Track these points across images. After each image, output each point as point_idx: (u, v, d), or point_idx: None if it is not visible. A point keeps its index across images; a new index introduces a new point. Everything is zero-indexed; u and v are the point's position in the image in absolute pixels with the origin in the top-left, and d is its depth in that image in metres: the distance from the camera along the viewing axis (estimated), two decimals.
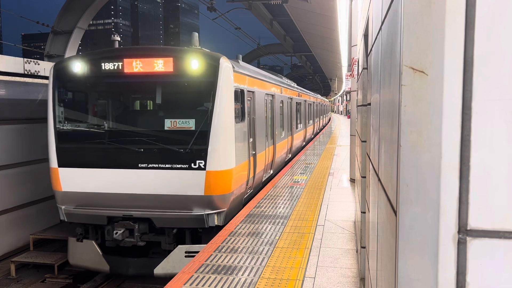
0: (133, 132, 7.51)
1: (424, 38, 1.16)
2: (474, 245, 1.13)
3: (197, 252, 6.07)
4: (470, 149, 1.12)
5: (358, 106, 5.56)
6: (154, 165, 7.20)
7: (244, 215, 7.68)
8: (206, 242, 6.58)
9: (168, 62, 7.24)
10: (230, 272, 5.12)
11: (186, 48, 7.71)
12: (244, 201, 8.90)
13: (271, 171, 12.07)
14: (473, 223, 1.13)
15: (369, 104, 3.36)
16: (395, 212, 1.38)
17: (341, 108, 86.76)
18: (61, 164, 7.60)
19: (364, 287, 4.27)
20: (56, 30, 15.68)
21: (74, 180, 7.54)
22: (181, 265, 6.75)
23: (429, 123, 1.16)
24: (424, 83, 1.16)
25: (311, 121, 25.24)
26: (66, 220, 7.70)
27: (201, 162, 7.03)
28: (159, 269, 7.25)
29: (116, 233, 7.16)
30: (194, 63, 7.12)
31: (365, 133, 4.26)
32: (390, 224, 1.54)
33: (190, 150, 7.08)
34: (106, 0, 17.59)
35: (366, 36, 3.99)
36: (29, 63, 10.19)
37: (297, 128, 18.14)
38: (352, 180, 10.82)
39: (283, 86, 14.48)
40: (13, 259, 8.67)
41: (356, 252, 5.74)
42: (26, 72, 10.09)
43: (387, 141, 1.73)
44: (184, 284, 4.82)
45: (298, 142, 18.43)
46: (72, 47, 15.75)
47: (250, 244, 6.12)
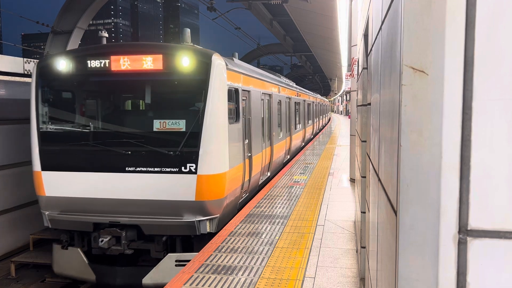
0: (120, 134, 7.11)
1: (425, 38, 1.16)
2: (475, 245, 1.13)
3: (189, 261, 5.79)
4: (471, 149, 1.11)
5: (358, 106, 5.56)
6: (142, 169, 6.82)
7: (244, 215, 7.68)
8: (198, 250, 6.27)
9: (158, 60, 6.87)
10: (230, 272, 5.12)
11: (177, 45, 7.32)
12: (239, 206, 8.54)
13: (269, 173, 11.71)
14: (474, 223, 1.13)
15: (369, 104, 3.36)
16: (395, 212, 1.37)
17: (341, 108, 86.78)
18: (45, 168, 7.21)
19: (364, 287, 4.27)
20: (56, 30, 15.68)
21: (58, 184, 7.15)
22: (171, 275, 6.35)
23: (430, 123, 1.15)
24: (425, 83, 1.16)
25: (311, 121, 24.82)
26: (50, 227, 7.36)
27: (192, 166, 6.65)
28: (148, 279, 6.91)
29: (102, 241, 6.77)
30: (185, 61, 6.75)
31: (365, 133, 4.26)
32: (390, 224, 1.54)
33: (180, 153, 6.72)
34: (106, 0, 17.59)
35: (366, 36, 3.99)
36: (29, 63, 10.20)
37: (296, 129, 17.76)
38: (352, 180, 10.82)
39: (281, 86, 14.10)
40: (13, 259, 8.67)
41: (356, 252, 5.74)
42: (26, 72, 10.10)
43: (387, 141, 1.73)
44: (184, 284, 4.82)
45: (297, 143, 18.03)
46: (72, 47, 15.75)
47: (250, 244, 6.12)
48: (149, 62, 6.89)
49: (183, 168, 6.69)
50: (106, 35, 9.04)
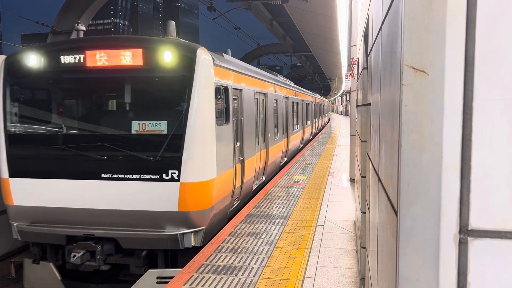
0: (95, 137, 6.45)
1: (425, 38, 1.15)
2: (475, 245, 1.13)
3: (171, 278, 5.46)
4: (471, 149, 1.11)
5: (358, 106, 5.56)
6: (119, 176, 6.17)
7: (244, 215, 7.68)
8: (183, 265, 5.69)
9: (137, 54, 6.21)
10: (230, 272, 5.12)
11: (159, 38, 6.68)
12: (230, 215, 7.91)
13: (264, 178, 11.10)
14: (474, 223, 1.13)
15: (369, 104, 3.35)
16: (396, 212, 1.37)
17: (341, 108, 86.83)
18: (13, 174, 6.48)
19: (364, 287, 4.27)
20: (56, 30, 15.69)
21: (28, 193, 6.46)
22: None
23: (430, 123, 1.15)
24: (425, 83, 1.16)
25: (309, 122, 24.12)
26: (20, 239, 6.64)
27: (174, 172, 6.00)
28: None
29: (74, 256, 6.04)
30: (167, 55, 6.10)
31: (365, 133, 4.26)
32: (391, 224, 1.54)
33: (161, 158, 6.04)
34: (106, 0, 17.59)
35: (366, 36, 3.99)
36: None
37: (294, 130, 17.04)
38: (352, 180, 10.82)
39: (278, 84, 13.41)
40: (13, 259, 8.67)
41: (356, 252, 5.74)
42: None
43: (388, 141, 1.73)
44: (184, 284, 4.82)
45: (295, 145, 17.35)
46: None
47: (250, 244, 6.12)
48: (128, 58, 6.24)
49: (165, 175, 6.04)
50: (83, 28, 8.12)
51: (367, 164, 3.50)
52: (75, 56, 6.40)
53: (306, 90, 25.90)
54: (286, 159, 15.20)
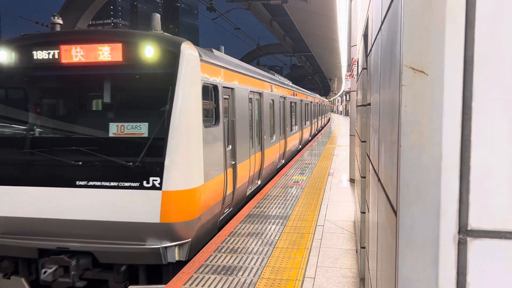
0: (69, 140, 5.88)
1: (425, 38, 1.16)
2: (475, 246, 1.13)
3: None
4: (471, 149, 1.11)
5: (358, 106, 5.57)
6: (96, 183, 5.62)
7: (244, 215, 7.68)
8: (167, 281, 5.40)
9: (116, 49, 5.72)
10: (230, 273, 5.12)
11: (140, 32, 6.09)
12: (220, 224, 7.32)
13: (259, 182, 10.55)
14: (474, 224, 1.13)
15: (369, 104, 3.36)
16: (395, 213, 1.37)
17: (341, 108, 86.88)
18: None
19: (364, 287, 4.27)
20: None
21: None
22: None
23: (430, 123, 1.15)
24: (424, 83, 1.16)
25: (308, 123, 23.45)
26: None
27: (156, 180, 5.45)
28: None
29: (45, 272, 5.47)
30: (148, 50, 5.63)
31: (365, 133, 4.26)
32: (390, 224, 1.54)
33: (142, 164, 5.49)
34: (106, 0, 17.60)
35: (366, 36, 3.99)
36: None
37: (292, 131, 16.48)
38: (352, 180, 10.83)
39: (274, 84, 12.77)
40: None
41: (356, 252, 5.74)
42: None
43: (387, 141, 1.73)
44: (184, 285, 4.82)
45: (293, 146, 16.79)
46: None
47: (250, 245, 6.12)
48: (106, 53, 5.74)
49: (145, 183, 5.48)
50: (60, 22, 7.30)
51: (367, 164, 3.50)
52: (49, 52, 5.88)
53: (305, 90, 25.32)
54: (284, 162, 14.69)
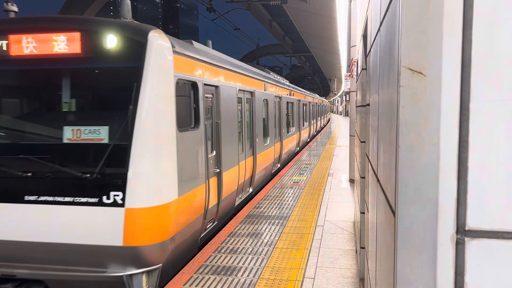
0: (17, 147, 5.00)
1: (422, 39, 1.16)
2: (473, 246, 1.13)
3: None
4: (468, 150, 1.12)
5: (357, 107, 5.57)
6: (47, 198, 4.76)
7: (244, 216, 7.68)
8: None
9: (73, 39, 4.88)
10: (230, 273, 5.13)
11: (102, 19, 5.22)
12: (202, 242, 6.45)
13: (250, 190, 9.58)
14: (471, 224, 1.13)
15: (368, 105, 3.36)
16: (394, 213, 1.38)
17: (341, 109, 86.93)
18: None
19: (364, 287, 4.27)
20: None
21: None
22: None
23: (427, 124, 1.16)
24: (422, 84, 1.17)
25: (307, 124, 22.43)
26: None
27: (118, 195, 4.63)
28: None
29: None
30: (110, 40, 4.83)
31: (364, 134, 4.27)
32: (389, 225, 1.55)
33: (101, 176, 4.66)
34: (106, 1, 17.62)
35: (365, 37, 4.00)
36: None
37: (289, 132, 15.60)
38: (352, 181, 10.83)
39: (268, 82, 11.78)
40: None
41: (356, 253, 5.75)
42: None
43: (386, 142, 1.74)
44: (184, 285, 4.82)
45: (290, 149, 15.89)
46: None
47: (250, 245, 6.12)
48: (62, 44, 4.92)
49: (105, 198, 4.67)
50: (15, 9, 6.17)
51: (366, 165, 3.50)
52: None
53: (303, 90, 24.25)
54: (280, 166, 13.79)
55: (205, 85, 6.41)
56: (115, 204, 4.65)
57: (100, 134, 4.85)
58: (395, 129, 1.35)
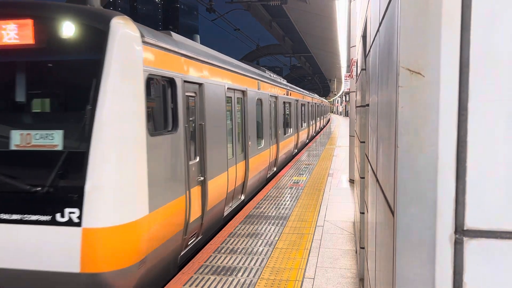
0: None
1: (421, 40, 1.17)
2: (471, 245, 1.14)
3: None
4: (467, 150, 1.12)
5: (357, 107, 5.58)
6: None
7: (243, 216, 7.69)
8: None
9: (25, 28, 4.18)
10: (230, 273, 5.13)
11: (58, 4, 4.42)
12: (182, 261, 5.67)
13: (242, 197, 8.85)
14: (470, 224, 1.14)
15: (368, 105, 3.37)
16: (393, 213, 1.39)
17: (341, 109, 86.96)
18: None
19: None
20: None
21: None
22: None
23: (426, 124, 1.16)
24: (421, 85, 1.17)
25: (305, 124, 21.58)
26: None
27: (73, 212, 3.93)
28: None
29: None
30: (67, 28, 4.12)
31: (364, 134, 4.27)
32: (388, 225, 1.55)
33: (53, 189, 3.98)
34: (106, 1, 17.59)
35: (365, 37, 4.01)
36: None
37: (286, 134, 14.80)
38: (352, 181, 10.84)
39: (262, 81, 10.95)
40: None
41: (356, 253, 5.75)
42: None
43: (385, 142, 1.74)
44: (184, 285, 4.83)
45: (287, 151, 15.14)
46: None
47: (250, 245, 6.13)
48: (12, 33, 4.22)
49: (59, 216, 3.96)
50: None
51: (366, 165, 3.51)
52: None
53: (302, 90, 23.35)
54: (276, 169, 13.01)
55: (186, 83, 5.67)
56: (71, 223, 3.94)
57: (54, 140, 4.14)
58: (394, 129, 1.35)
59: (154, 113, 4.85)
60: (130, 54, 4.28)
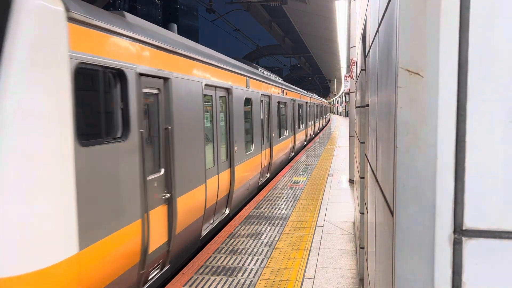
0: None
1: (419, 40, 1.17)
2: (470, 245, 1.14)
3: None
4: (465, 150, 1.13)
5: (357, 107, 5.58)
6: None
7: (244, 217, 7.69)
8: None
9: None
10: (230, 274, 5.13)
11: None
12: None
13: (227, 211, 7.78)
14: (469, 223, 1.14)
15: (367, 105, 3.37)
16: (392, 213, 1.39)
17: (340, 109, 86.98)
18: None
19: None
20: None
21: None
22: None
23: (425, 125, 1.17)
24: (420, 85, 1.17)
25: (303, 126, 20.59)
26: None
27: None
28: None
29: None
30: None
31: (364, 134, 4.28)
32: (388, 225, 1.56)
33: None
34: (105, 2, 17.61)
35: (364, 38, 4.01)
36: None
37: (281, 137, 13.79)
38: (352, 181, 10.84)
39: (252, 78, 9.83)
40: None
41: (355, 253, 5.75)
42: None
43: (384, 142, 1.74)
44: (184, 286, 4.83)
45: (282, 155, 14.06)
46: None
47: (250, 245, 6.13)
48: None
49: None
50: None
51: (366, 165, 3.51)
52: None
53: (299, 89, 22.12)
54: (269, 175, 11.92)
55: (144, 76, 4.58)
56: None
57: None
58: (393, 130, 1.35)
59: (91, 115, 3.72)
60: (47, 34, 3.21)
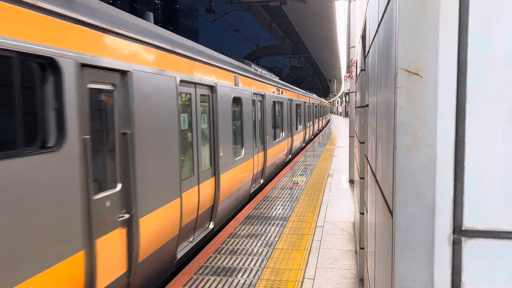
0: None
1: (419, 41, 1.17)
2: (469, 245, 1.14)
3: None
4: (465, 150, 1.13)
5: (357, 108, 5.59)
6: None
7: (244, 217, 7.69)
8: None
9: None
10: (230, 274, 5.13)
11: None
12: None
13: (211, 225, 6.87)
14: (468, 224, 1.14)
15: (367, 106, 3.37)
16: (392, 213, 1.39)
17: (340, 109, 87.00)
18: None
19: None
20: None
21: None
22: None
23: (424, 125, 1.17)
24: (419, 85, 1.18)
25: (301, 127, 19.62)
26: None
27: None
28: None
29: None
30: None
31: (364, 135, 4.28)
32: (387, 225, 1.56)
33: None
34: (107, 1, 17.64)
35: (364, 38, 4.01)
36: None
37: (276, 139, 12.86)
38: (352, 181, 10.84)
39: (242, 75, 8.86)
40: None
41: (355, 253, 5.75)
42: None
43: (384, 143, 1.75)
44: (184, 286, 4.83)
45: (278, 159, 13.07)
46: None
47: (249, 246, 6.13)
48: None
49: None
50: None
51: (365, 165, 3.51)
52: None
53: (297, 88, 21.02)
54: (263, 181, 10.98)
55: (89, 68, 3.67)
56: None
57: None
58: (393, 130, 1.36)
59: (2, 118, 2.89)
60: None
